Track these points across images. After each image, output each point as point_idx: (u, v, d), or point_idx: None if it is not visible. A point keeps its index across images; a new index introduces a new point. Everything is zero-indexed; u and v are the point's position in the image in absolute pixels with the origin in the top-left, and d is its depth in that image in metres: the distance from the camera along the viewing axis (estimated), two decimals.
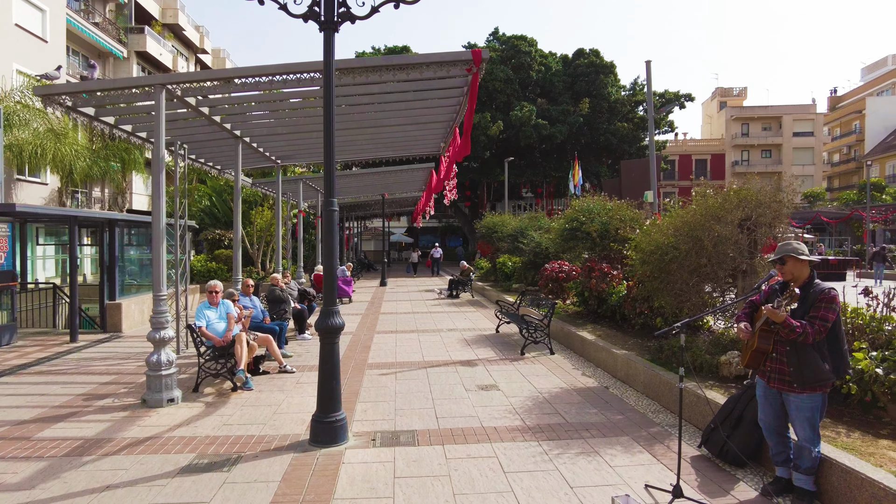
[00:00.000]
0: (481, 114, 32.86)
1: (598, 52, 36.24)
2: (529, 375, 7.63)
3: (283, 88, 7.00)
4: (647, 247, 6.58)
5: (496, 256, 21.15)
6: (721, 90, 60.06)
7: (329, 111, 5.05)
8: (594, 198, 11.51)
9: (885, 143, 52.51)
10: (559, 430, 5.39)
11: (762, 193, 6.06)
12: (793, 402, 3.74)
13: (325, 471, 4.50)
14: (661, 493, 3.94)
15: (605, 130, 35.21)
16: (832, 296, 3.63)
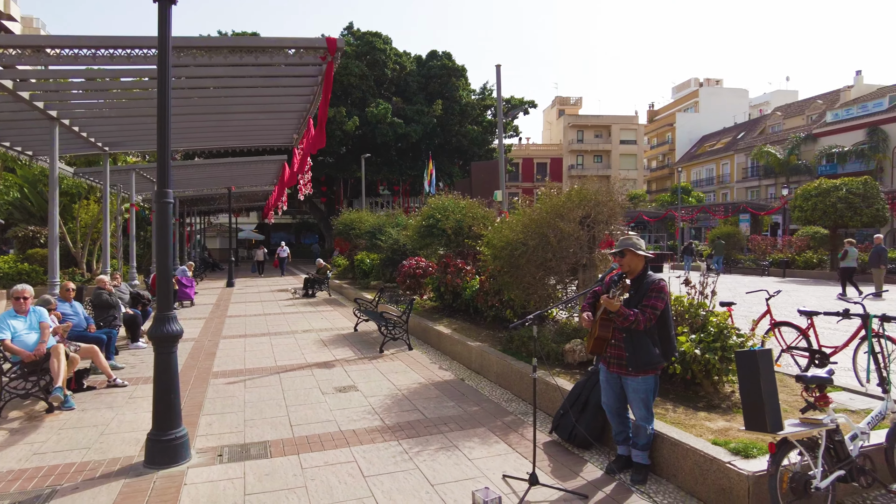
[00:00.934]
0: (337, 108, 32.20)
1: (450, 55, 37.32)
2: (388, 373, 7.55)
3: (112, 65, 6.15)
4: (499, 243, 6.84)
5: (354, 254, 20.82)
6: (560, 99, 65.20)
7: (164, 93, 4.53)
8: (449, 196, 11.76)
9: (690, 154, 60.73)
10: (419, 427, 5.37)
11: (600, 194, 6.58)
12: (630, 384, 4.07)
13: (163, 495, 4.01)
14: (518, 482, 4.07)
15: (456, 132, 36.37)
16: (661, 286, 4.00)
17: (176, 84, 7.53)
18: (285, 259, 28.50)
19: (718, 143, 57.09)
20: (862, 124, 39.89)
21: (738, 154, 52.01)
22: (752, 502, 3.40)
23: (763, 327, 7.38)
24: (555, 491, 3.93)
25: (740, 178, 51.47)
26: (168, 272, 4.74)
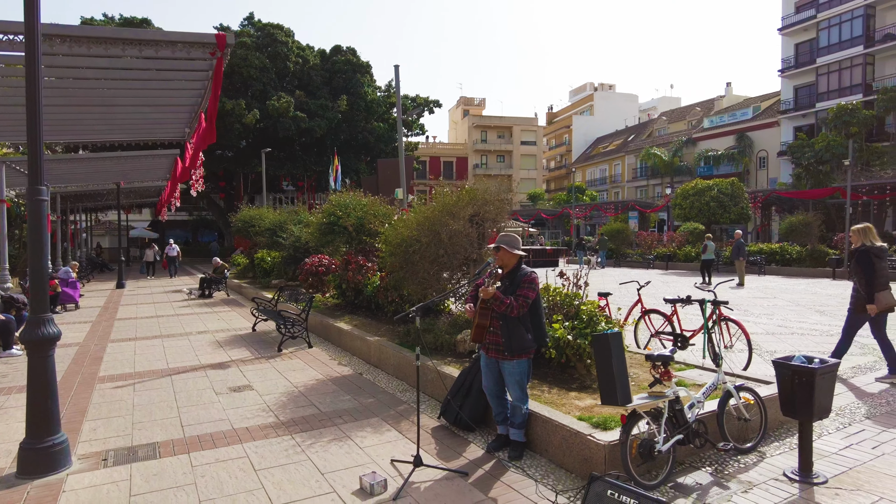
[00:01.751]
0: (236, 101, 30.99)
1: (354, 50, 37.02)
2: (286, 371, 7.57)
3: None
4: (395, 240, 7.08)
5: (254, 252, 20.23)
6: (464, 99, 66.54)
7: (34, 84, 4.35)
8: (351, 193, 11.84)
9: (585, 155, 64.16)
10: (313, 421, 5.50)
11: (488, 193, 7.00)
12: (506, 368, 4.46)
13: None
14: (404, 465, 4.33)
15: (362, 129, 36.20)
16: (532, 278, 4.42)
17: (54, 73, 7.11)
18: (175, 258, 26.13)
19: (611, 145, 60.82)
20: (732, 131, 44.12)
21: (628, 155, 55.70)
22: (607, 467, 3.88)
23: (636, 315, 8.18)
24: (438, 471, 4.23)
25: (630, 177, 55.16)
26: (42, 273, 4.54)
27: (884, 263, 6.41)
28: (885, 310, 6.41)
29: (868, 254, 6.36)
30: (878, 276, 6.33)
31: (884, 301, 6.34)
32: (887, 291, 6.37)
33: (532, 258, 30.62)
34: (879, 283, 6.34)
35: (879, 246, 6.45)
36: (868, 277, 6.32)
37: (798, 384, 3.93)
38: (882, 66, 34.18)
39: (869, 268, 6.32)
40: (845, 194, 22.09)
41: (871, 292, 6.34)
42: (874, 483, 3.97)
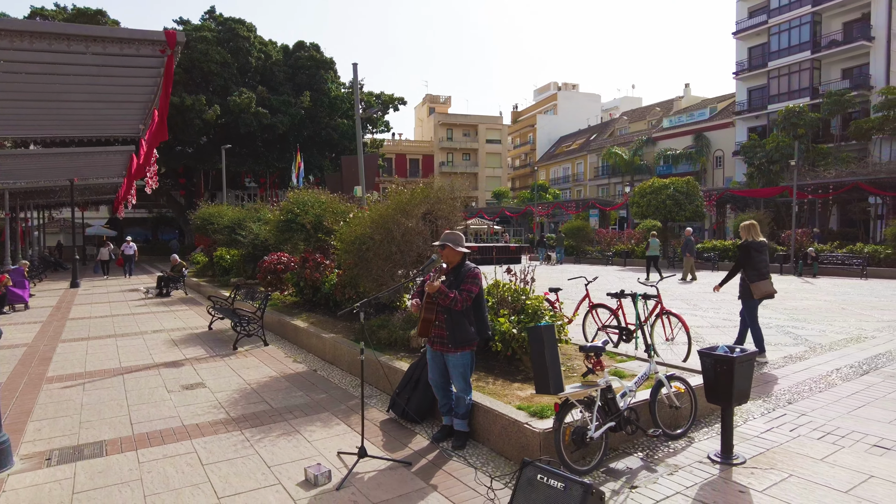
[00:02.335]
0: (196, 96, 30.43)
1: (318, 46, 36.74)
2: (240, 369, 7.59)
3: None
4: (349, 237, 7.18)
5: (213, 250, 19.96)
6: (430, 97, 66.63)
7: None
8: (309, 191, 11.84)
9: (549, 153, 65.04)
10: (263, 417, 5.57)
11: (441, 191, 7.16)
12: (450, 360, 4.62)
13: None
14: (349, 456, 4.46)
15: (326, 125, 35.95)
16: (476, 273, 4.59)
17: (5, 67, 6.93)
18: (132, 257, 24.88)
19: (574, 144, 61.80)
20: (690, 131, 45.37)
21: (590, 154, 56.71)
22: (542, 454, 4.08)
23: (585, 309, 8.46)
24: (382, 461, 4.37)
25: (592, 176, 56.18)
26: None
27: (763, 257, 7.13)
28: (763, 296, 7.13)
29: (748, 248, 7.10)
30: (756, 267, 7.05)
31: (762, 289, 7.05)
32: (766, 281, 7.07)
33: (496, 255, 30.97)
34: (759, 274, 7.05)
35: (760, 241, 7.17)
36: (749, 269, 7.09)
37: (720, 372, 4.21)
38: (828, 70, 35.69)
39: (747, 260, 7.09)
40: (792, 193, 23.06)
41: (748, 282, 7.12)
42: (786, 462, 4.27)
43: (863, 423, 5.11)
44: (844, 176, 25.41)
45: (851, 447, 4.56)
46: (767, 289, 7.10)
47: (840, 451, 4.49)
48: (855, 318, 10.80)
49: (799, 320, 10.71)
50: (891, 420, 5.18)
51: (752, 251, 7.10)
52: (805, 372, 6.91)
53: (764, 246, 7.20)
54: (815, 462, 4.28)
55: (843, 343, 8.57)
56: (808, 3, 35.62)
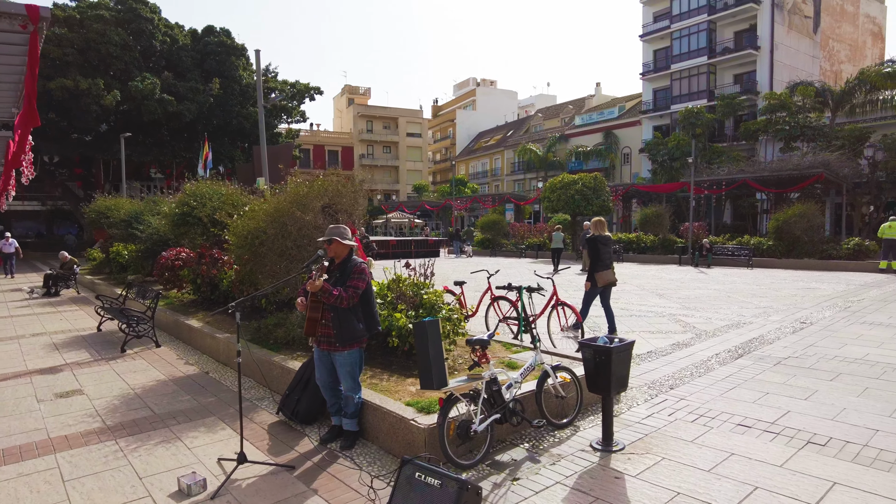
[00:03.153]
0: (93, 80, 28.09)
1: (229, 32, 35.04)
2: (125, 373, 7.09)
3: None
4: (242, 231, 6.86)
5: (109, 245, 18.60)
6: (349, 87, 65.47)
7: None
8: (208, 182, 11.26)
9: (468, 148, 65.81)
10: (143, 424, 5.22)
11: (341, 184, 6.99)
12: (337, 359, 4.51)
13: None
14: (230, 462, 4.25)
15: (237, 114, 34.41)
16: (362, 269, 4.50)
17: None
18: (12, 255, 21.80)
19: (492, 140, 62.84)
20: (600, 128, 47.32)
21: (507, 150, 57.88)
22: (427, 450, 4.07)
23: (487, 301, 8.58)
24: (263, 466, 4.21)
25: (509, 171, 57.40)
26: None
27: (608, 249, 7.99)
28: (606, 284, 7.95)
29: (596, 241, 7.90)
30: (601, 258, 7.86)
31: (605, 278, 7.90)
32: (609, 271, 7.94)
33: (414, 249, 31.00)
34: (602, 265, 7.88)
35: (605, 235, 8.01)
36: (593, 259, 7.92)
37: (598, 362, 4.37)
38: (722, 75, 38.33)
39: (594, 252, 7.92)
40: (690, 188, 24.61)
41: (592, 271, 7.95)
42: (661, 446, 4.51)
43: (732, 404, 5.50)
44: (735, 173, 27.40)
45: (719, 428, 4.89)
46: (609, 277, 7.94)
47: (709, 432, 4.80)
48: (738, 306, 11.66)
49: (689, 308, 11.42)
50: (755, 399, 5.61)
51: (599, 244, 7.89)
52: (688, 358, 7.36)
53: (609, 240, 8.02)
54: (686, 444, 4.54)
55: (725, 329, 9.22)
56: (704, 11, 38.03)
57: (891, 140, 24.70)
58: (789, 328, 9.23)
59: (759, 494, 3.71)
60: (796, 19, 37.57)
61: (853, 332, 8.77)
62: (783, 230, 21.84)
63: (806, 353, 7.48)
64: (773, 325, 9.54)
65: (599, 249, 7.84)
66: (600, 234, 7.96)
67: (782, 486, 3.81)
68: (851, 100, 27.92)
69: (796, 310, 11.06)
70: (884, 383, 6.08)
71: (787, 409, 5.31)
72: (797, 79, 32.55)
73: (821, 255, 20.71)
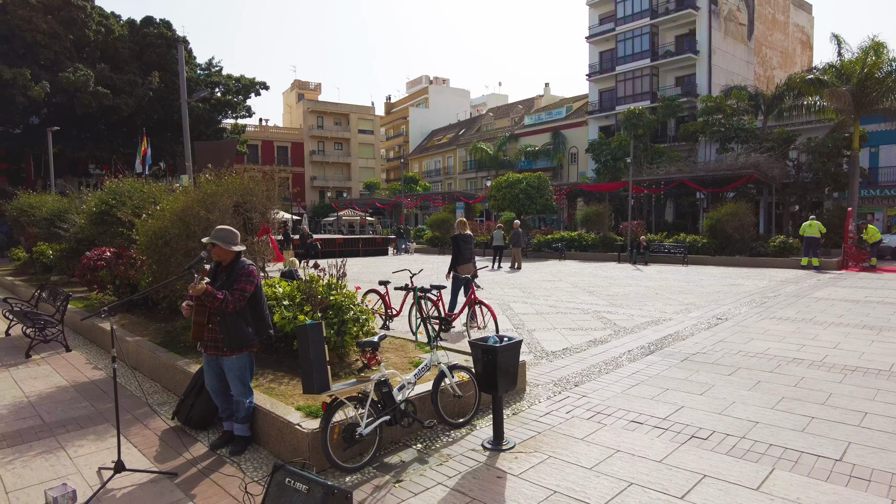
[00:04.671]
0: (19, 69, 26.70)
1: (169, 23, 33.91)
2: (24, 380, 6.78)
3: None
4: (148, 231, 6.66)
5: (33, 244, 17.72)
6: (299, 83, 64.38)
7: None
8: (130, 179, 10.88)
9: (421, 146, 65.78)
10: (27, 434, 5.00)
11: (252, 182, 6.87)
12: (226, 364, 4.43)
13: None
14: (109, 472, 4.12)
15: (179, 108, 33.30)
16: (250, 271, 4.43)
17: None
18: None
19: (444, 138, 63.00)
20: (548, 128, 48.09)
21: (459, 148, 58.15)
22: (311, 454, 4.05)
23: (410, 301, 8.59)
24: (143, 474, 4.10)
25: (461, 169, 57.68)
26: None
27: (469, 246, 9.23)
28: (465, 274, 8.94)
29: (458, 239, 9.13)
30: (462, 254, 9.08)
31: (465, 270, 9.08)
32: (469, 264, 9.20)
33: (362, 247, 30.79)
34: (464, 258, 9.11)
35: (467, 234, 9.25)
36: (455, 254, 9.11)
37: (486, 361, 4.43)
38: (665, 77, 39.53)
39: (456, 249, 9.13)
40: (630, 188, 25.34)
41: (453, 265, 9.10)
42: (551, 444, 4.62)
43: (631, 400, 5.68)
44: (673, 173, 28.34)
45: (612, 425, 5.04)
46: (469, 270, 9.13)
47: (602, 429, 4.94)
48: (662, 303, 12.07)
49: (616, 305, 11.75)
50: (654, 396, 5.81)
51: (461, 242, 9.10)
52: (601, 355, 7.56)
53: (470, 238, 9.28)
54: (575, 442, 4.67)
55: (644, 326, 9.52)
56: (647, 15, 39.12)
57: (814, 143, 26.04)
58: (705, 324, 9.61)
59: (632, 490, 3.84)
60: (732, 26, 39.09)
61: (761, 328, 9.20)
62: (716, 228, 22.72)
63: (714, 349, 7.79)
64: (692, 321, 9.91)
65: (461, 246, 8.99)
66: (461, 232, 9.16)
67: (656, 480, 3.96)
68: (781, 104, 29.28)
69: (716, 306, 11.52)
70: (775, 376, 6.41)
71: (681, 405, 5.52)
72: (733, 83, 33.92)
73: (750, 253, 21.64)
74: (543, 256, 26.82)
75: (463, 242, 9.08)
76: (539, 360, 7.33)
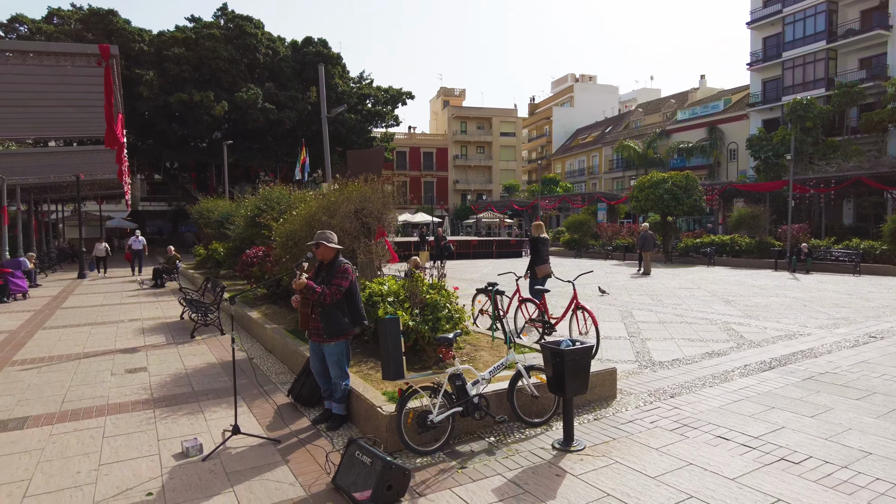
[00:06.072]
0: (205, 92, 31.32)
1: (325, 42, 37.38)
2: (186, 356, 8.17)
3: None
4: (282, 233, 7.68)
5: (209, 243, 20.76)
6: (444, 90, 66.80)
7: None
8: (279, 187, 12.39)
9: (565, 146, 64.70)
10: (180, 399, 6.12)
11: (369, 190, 7.59)
12: (326, 349, 5.08)
13: None
14: (228, 433, 4.96)
15: (333, 120, 36.53)
16: (345, 269, 5.02)
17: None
18: (141, 252, 22.22)
19: (589, 137, 61.36)
20: (704, 123, 44.75)
21: (605, 147, 56.30)
22: (388, 435, 4.52)
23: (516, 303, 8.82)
24: (254, 438, 4.87)
25: (607, 169, 55.80)
26: None
27: (546, 248, 9.60)
28: (543, 276, 9.43)
29: (536, 241, 9.55)
30: (540, 255, 9.46)
31: (543, 270, 9.45)
32: (546, 265, 9.51)
33: (496, 249, 31.30)
34: (541, 259, 9.48)
35: (543, 237, 9.63)
36: (533, 256, 9.54)
37: (555, 364, 4.57)
38: (844, 60, 34.84)
39: (535, 250, 9.54)
40: (795, 187, 22.81)
41: (532, 266, 9.53)
42: (621, 450, 4.62)
43: (725, 416, 5.40)
44: (848, 170, 24.95)
45: (695, 438, 4.87)
46: (546, 270, 9.48)
47: (681, 441, 4.81)
48: (806, 316, 10.91)
49: (750, 317, 10.86)
50: (753, 413, 5.46)
51: (539, 244, 9.53)
52: (712, 368, 7.17)
53: (546, 240, 9.73)
54: (648, 451, 4.61)
55: (774, 340, 8.76)
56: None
57: None
58: (851, 342, 8.58)
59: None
60: None
61: None
62: None
63: (850, 370, 7.00)
64: (835, 338, 8.90)
65: (539, 248, 9.51)
66: (539, 235, 9.64)
67: (720, 498, 3.83)
68: None
69: (876, 322, 10.17)
70: None
71: (782, 425, 5.14)
72: None
73: None
74: (690, 262, 25.15)
75: (541, 244, 9.53)
76: (642, 370, 7.16)
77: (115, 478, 4.21)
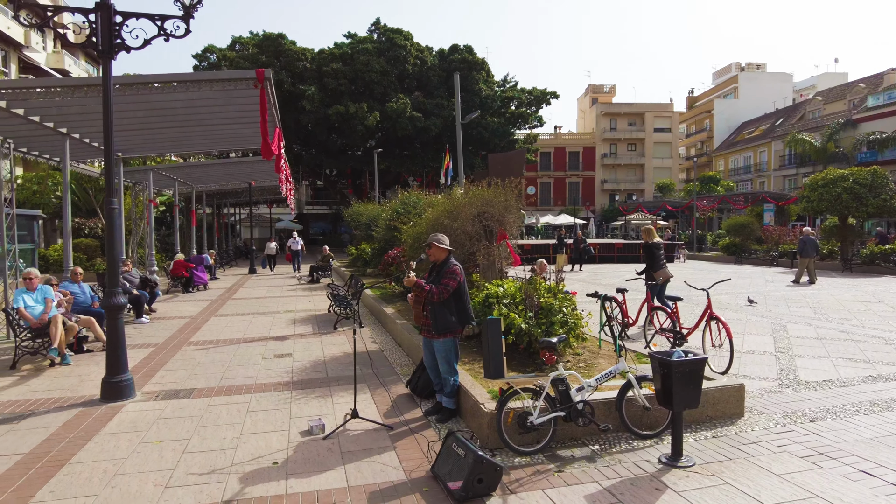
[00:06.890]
0: (359, 104, 33.83)
1: (471, 48, 38.32)
2: (327, 345, 9.01)
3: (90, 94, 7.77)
4: (410, 236, 8.15)
5: (358, 243, 22.45)
6: (593, 87, 64.81)
7: (107, 118, 6.06)
8: (416, 192, 13.07)
9: (728, 141, 59.41)
10: (315, 383, 6.80)
11: (490, 194, 7.78)
12: (435, 345, 5.34)
13: (102, 417, 5.60)
14: (348, 416, 5.44)
15: (477, 124, 37.39)
16: (455, 270, 5.24)
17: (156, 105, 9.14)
18: (299, 252, 23.85)
19: (756, 131, 55.73)
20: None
21: (775, 141, 50.76)
22: (489, 432, 4.65)
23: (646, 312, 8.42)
24: (370, 423, 5.29)
25: (777, 166, 50.27)
26: (115, 260, 6.32)
27: (661, 252, 9.54)
28: (664, 280, 9.36)
29: (651, 247, 9.51)
30: (657, 261, 9.38)
31: (663, 274, 9.36)
32: (664, 269, 9.42)
33: (643, 252, 29.77)
34: (658, 265, 9.36)
35: (657, 241, 9.55)
36: (650, 262, 9.44)
37: (663, 376, 4.37)
38: None
39: (650, 255, 9.46)
40: None
41: (651, 271, 9.39)
42: (735, 472, 4.28)
43: (878, 449, 4.73)
44: None
45: (831, 469, 4.35)
46: (666, 274, 9.42)
47: (812, 471, 4.33)
48: None
49: None
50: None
51: (654, 249, 9.47)
52: (872, 394, 6.27)
53: (660, 244, 9.60)
54: (768, 476, 4.22)
55: None
56: None
57: None
58: None
59: None
60: None
61: None
62: None
63: None
64: None
65: (654, 253, 9.47)
66: (652, 240, 9.52)
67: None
68: None
69: None
70: None
71: None
72: None
73: None
74: (876, 271, 21.76)
75: (656, 249, 9.50)
76: (782, 388, 6.49)
77: (251, 446, 4.85)
